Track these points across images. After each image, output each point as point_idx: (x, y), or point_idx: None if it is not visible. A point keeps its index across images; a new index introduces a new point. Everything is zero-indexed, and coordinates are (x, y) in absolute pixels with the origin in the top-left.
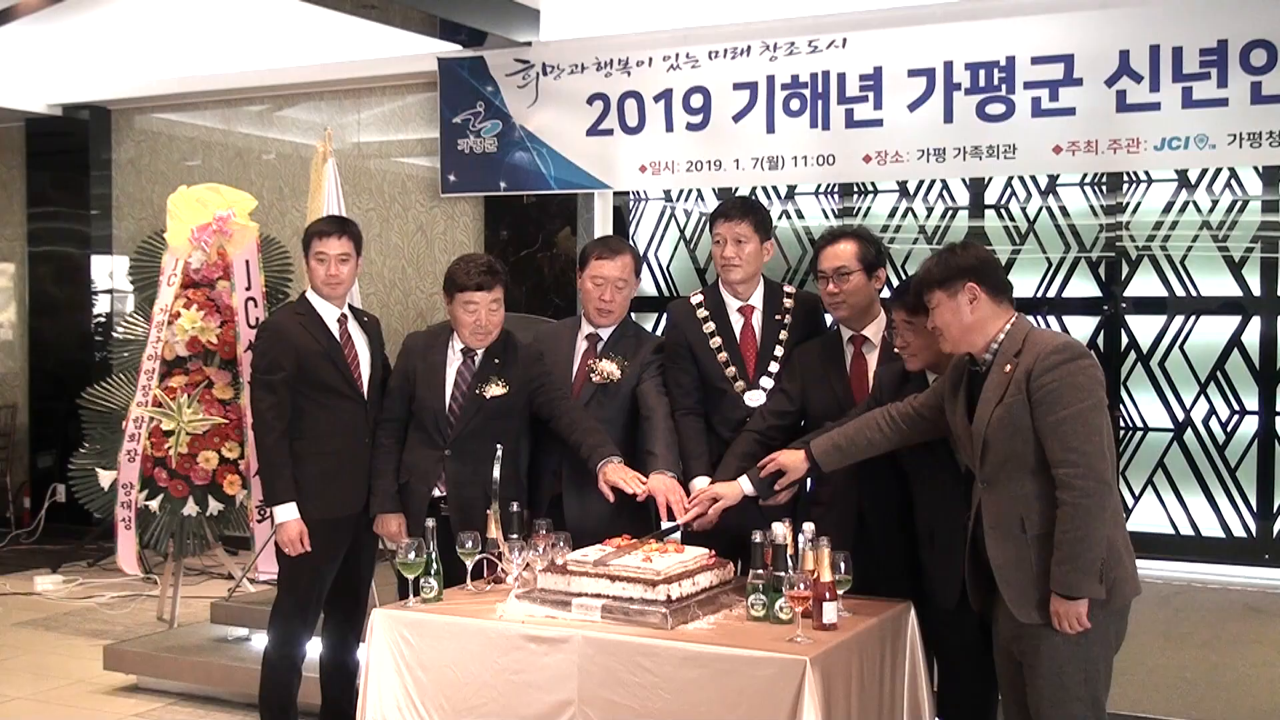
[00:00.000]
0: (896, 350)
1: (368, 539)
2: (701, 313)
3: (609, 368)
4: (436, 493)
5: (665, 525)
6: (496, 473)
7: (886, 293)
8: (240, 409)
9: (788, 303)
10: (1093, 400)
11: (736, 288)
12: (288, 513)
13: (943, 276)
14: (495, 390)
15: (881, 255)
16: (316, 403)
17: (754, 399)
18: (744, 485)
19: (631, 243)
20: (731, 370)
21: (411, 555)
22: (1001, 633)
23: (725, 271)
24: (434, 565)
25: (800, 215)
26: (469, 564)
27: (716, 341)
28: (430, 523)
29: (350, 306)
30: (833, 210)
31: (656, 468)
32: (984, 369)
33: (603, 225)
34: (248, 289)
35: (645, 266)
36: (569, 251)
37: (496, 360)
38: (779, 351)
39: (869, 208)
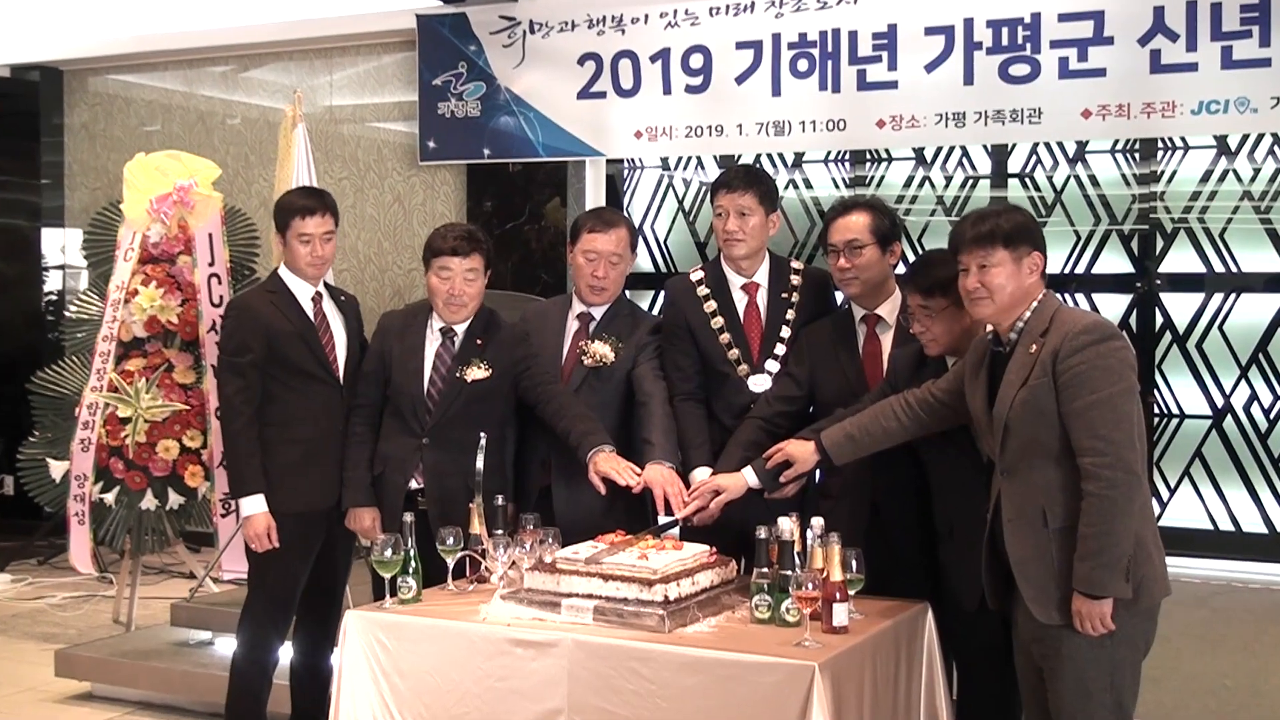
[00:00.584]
0: (914, 334)
1: (342, 535)
2: (702, 290)
3: (602, 350)
4: (414, 484)
5: (662, 520)
6: (479, 463)
7: (902, 268)
8: (203, 394)
9: (795, 279)
10: (1123, 385)
11: (740, 263)
12: (255, 505)
13: (1013, 234)
14: (477, 373)
15: (896, 228)
16: (288, 387)
17: (759, 383)
18: (748, 477)
19: (626, 214)
20: (734, 352)
21: (387, 552)
22: (1021, 634)
23: (728, 246)
24: (412, 563)
25: (808, 185)
26: (450, 562)
27: (718, 321)
28: (408, 517)
29: (326, 284)
30: (843, 179)
31: (653, 457)
32: (1008, 349)
33: (595, 195)
34: (211, 264)
35: (641, 240)
36: (558, 224)
37: (478, 341)
38: (785, 332)
39: (883, 177)
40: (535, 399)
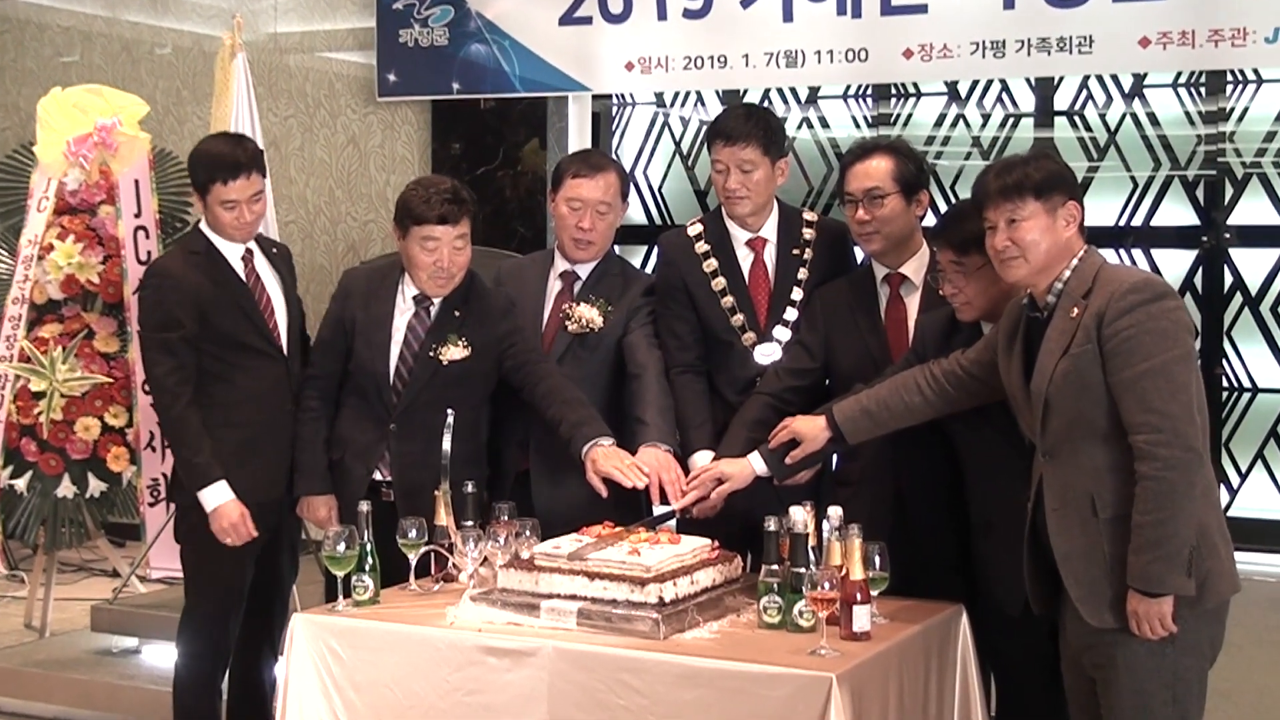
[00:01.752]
0: (944, 296)
1: (287, 528)
2: (701, 247)
3: (588, 314)
4: (377, 475)
5: (657, 511)
6: (447, 444)
7: (931, 219)
8: (128, 365)
9: (808, 233)
10: (1178, 350)
11: (744, 218)
12: (219, 494)
13: (1044, 183)
14: (454, 352)
15: (923, 174)
16: (226, 363)
17: (766, 354)
18: (754, 463)
19: (615, 158)
20: (739, 318)
21: (341, 547)
22: (1070, 641)
23: (729, 205)
24: (369, 559)
25: (825, 124)
26: (412, 558)
27: (720, 283)
28: (364, 506)
29: (257, 237)
30: (865, 118)
31: (648, 439)
32: (1045, 314)
33: (579, 137)
34: (137, 215)
35: (632, 189)
36: (537, 169)
37: (457, 313)
38: (797, 294)
39: (910, 115)
40: (521, 381)
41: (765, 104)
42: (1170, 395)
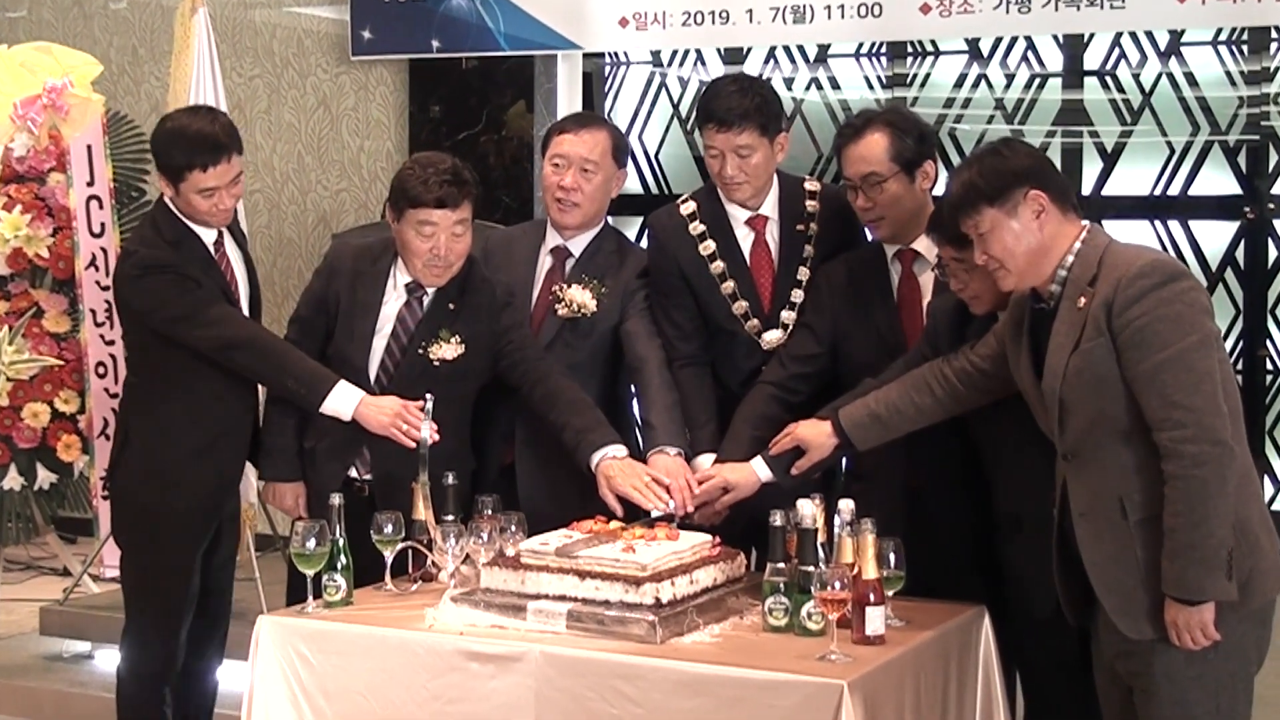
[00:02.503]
0: (954, 291)
1: (228, 511)
2: (696, 227)
3: (580, 297)
4: (353, 473)
5: (655, 511)
6: (425, 432)
7: (944, 183)
8: (79, 346)
9: (810, 205)
10: (1196, 335)
11: (744, 200)
12: (347, 394)
13: (993, 187)
14: (446, 351)
15: (926, 144)
16: (199, 358)
17: (773, 342)
18: (760, 470)
19: (610, 121)
20: (741, 305)
21: (311, 543)
22: (1104, 650)
23: (727, 191)
24: (341, 557)
25: (835, 85)
26: (388, 555)
27: (719, 267)
28: (336, 499)
29: None
30: (879, 79)
31: (657, 443)
32: (1051, 305)
33: (569, 99)
34: (90, 184)
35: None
36: (523, 133)
37: (451, 305)
38: (804, 275)
39: (928, 75)
40: (519, 380)
41: (771, 63)
42: (1192, 386)
